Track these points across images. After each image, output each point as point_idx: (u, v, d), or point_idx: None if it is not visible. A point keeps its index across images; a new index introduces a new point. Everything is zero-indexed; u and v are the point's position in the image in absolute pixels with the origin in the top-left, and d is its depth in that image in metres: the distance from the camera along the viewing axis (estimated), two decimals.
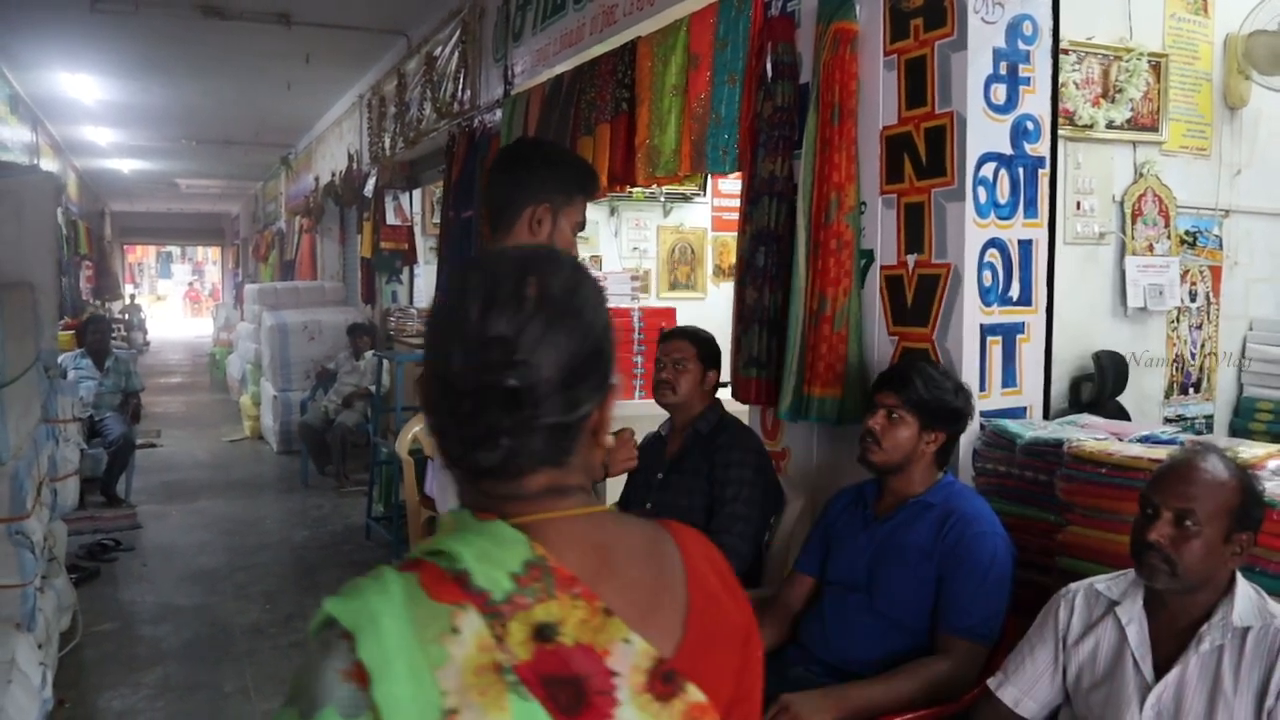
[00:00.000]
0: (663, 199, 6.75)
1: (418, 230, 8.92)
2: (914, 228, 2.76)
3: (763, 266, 3.16)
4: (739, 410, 3.27)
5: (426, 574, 0.86)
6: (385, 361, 7.07)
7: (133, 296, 22.59)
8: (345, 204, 10.22)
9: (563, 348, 0.90)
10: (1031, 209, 2.73)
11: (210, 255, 30.66)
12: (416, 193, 8.97)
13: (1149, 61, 3.49)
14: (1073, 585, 1.95)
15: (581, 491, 0.96)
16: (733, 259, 7.02)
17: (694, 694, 0.90)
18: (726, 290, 7.02)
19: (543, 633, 0.86)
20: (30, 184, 4.29)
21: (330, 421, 7.83)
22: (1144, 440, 2.40)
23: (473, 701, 0.81)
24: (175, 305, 30.73)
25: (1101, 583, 1.91)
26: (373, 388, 7.47)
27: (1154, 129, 3.56)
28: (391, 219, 8.94)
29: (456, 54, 6.52)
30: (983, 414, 2.66)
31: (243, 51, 8.13)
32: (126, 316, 19.10)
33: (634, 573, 0.94)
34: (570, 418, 0.92)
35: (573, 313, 0.92)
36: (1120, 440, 2.45)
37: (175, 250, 29.59)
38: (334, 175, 10.62)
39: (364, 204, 9.25)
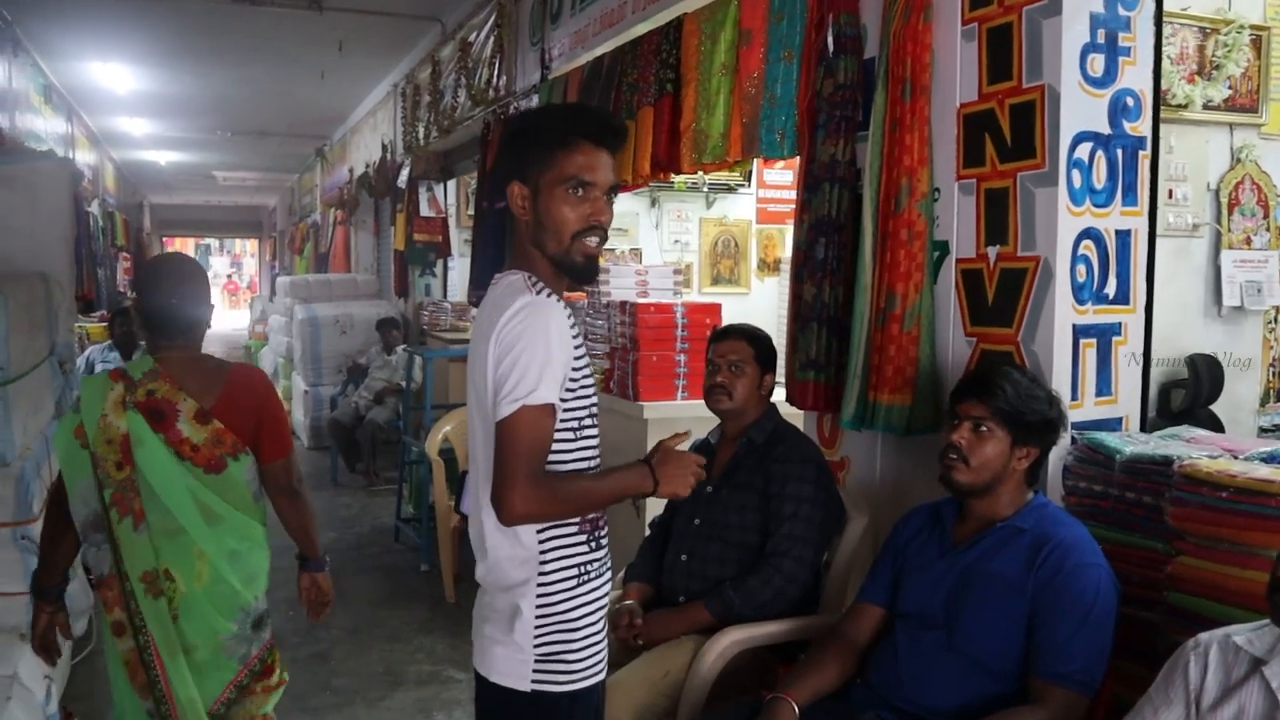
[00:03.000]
0: (706, 190, 6.47)
1: (452, 222, 8.71)
2: (996, 216, 2.47)
3: (822, 259, 2.88)
4: (791, 415, 3.00)
5: (114, 372, 2.35)
6: (417, 357, 6.86)
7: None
8: (378, 195, 10.05)
9: (181, 297, 2.39)
10: (1130, 195, 2.43)
11: (249, 248, 30.82)
12: (451, 184, 8.75)
13: (1250, 35, 3.18)
14: (1203, 636, 1.65)
15: (192, 347, 2.42)
16: (778, 253, 6.77)
17: (216, 424, 2.33)
18: (770, 286, 6.73)
19: (150, 393, 2.30)
20: (43, 170, 4.12)
21: (361, 418, 7.65)
22: (1271, 460, 2.10)
23: (112, 412, 2.28)
24: (213, 297, 30.92)
25: (1240, 635, 1.61)
26: (404, 384, 7.26)
27: (1253, 110, 3.25)
28: (425, 210, 8.73)
29: (492, 39, 6.29)
30: (1074, 426, 2.37)
31: (274, 39, 7.97)
32: None
33: (198, 376, 2.37)
34: (183, 322, 2.39)
35: (178, 282, 2.41)
36: (1237, 458, 2.15)
37: (214, 243, 29.74)
38: (368, 166, 10.45)
39: (397, 195, 9.06)
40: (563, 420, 1.74)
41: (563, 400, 1.73)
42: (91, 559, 2.36)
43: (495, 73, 6.24)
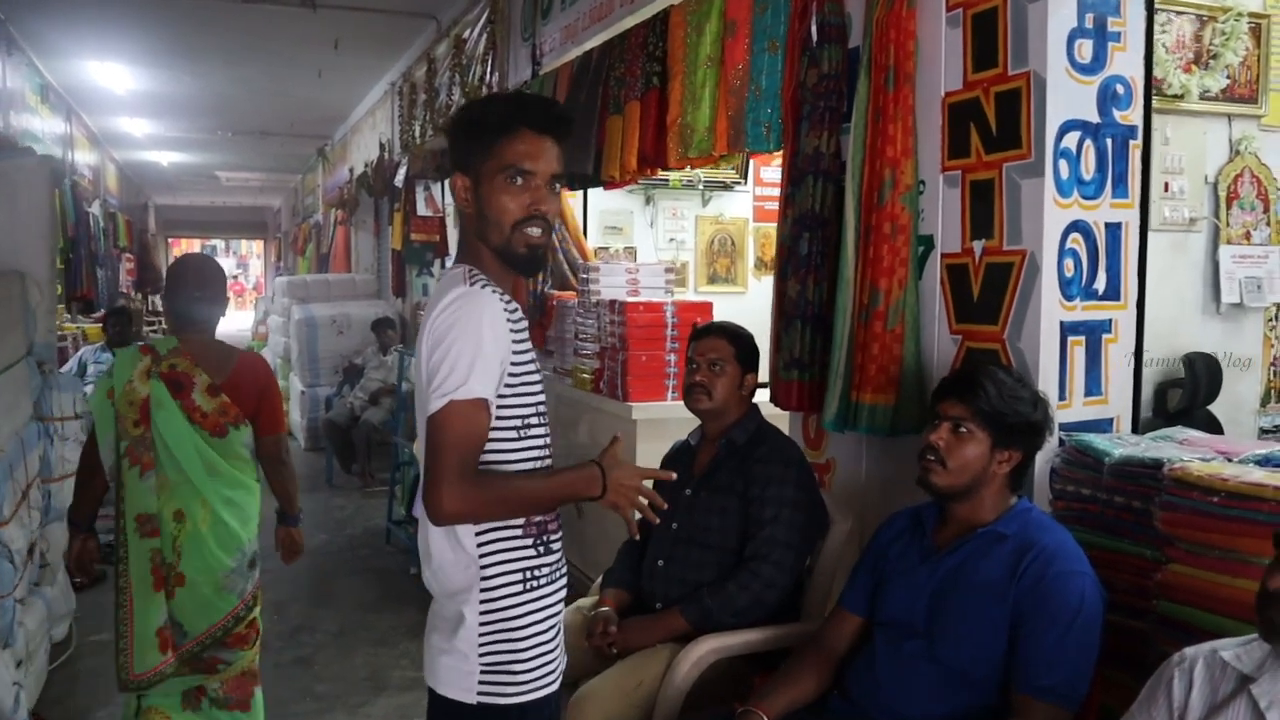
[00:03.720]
0: (701, 187, 6.37)
1: (449, 221, 8.63)
2: (982, 209, 2.38)
3: (806, 255, 2.80)
4: (776, 416, 2.91)
5: (143, 346, 2.90)
6: (410, 358, 6.79)
7: None
8: (376, 195, 9.99)
9: (202, 293, 2.92)
10: (1121, 187, 2.34)
11: (254, 249, 30.82)
12: (448, 183, 8.68)
13: (1249, 23, 3.08)
14: (1188, 651, 1.56)
15: (209, 332, 2.94)
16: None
17: (224, 398, 2.85)
18: (769, 284, 6.59)
19: (173, 366, 2.82)
20: (23, 167, 4.05)
21: (356, 419, 7.58)
22: (1266, 463, 2.01)
23: (137, 379, 2.79)
24: (227, 293, 30.88)
25: (1228, 650, 1.52)
26: (398, 384, 7.19)
27: (1253, 100, 3.15)
28: (422, 210, 8.66)
29: (485, 35, 6.21)
30: (1062, 427, 2.28)
31: (269, 37, 7.91)
32: None
33: (213, 357, 2.89)
34: (203, 314, 2.92)
35: (202, 282, 2.94)
36: (1231, 461, 2.06)
37: (220, 244, 29.75)
38: (367, 166, 10.39)
39: (395, 195, 9.00)
40: (505, 420, 1.67)
41: (503, 398, 1.66)
42: (114, 499, 2.88)
43: (488, 69, 6.17)
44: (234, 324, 23.11)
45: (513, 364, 1.67)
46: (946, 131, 2.47)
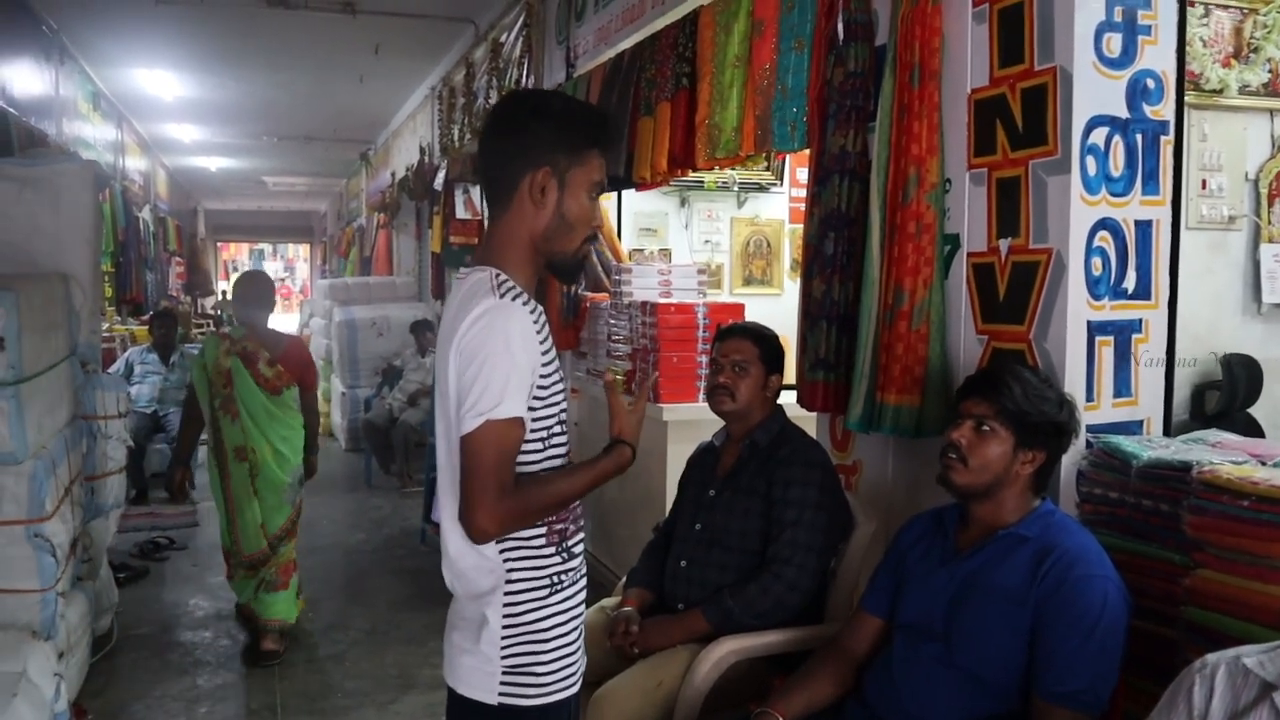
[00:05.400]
0: (736, 189, 6.35)
1: (487, 224, 8.67)
2: (1008, 207, 2.34)
3: (832, 255, 2.77)
4: (803, 418, 2.89)
5: (223, 335, 4.52)
6: None
7: (225, 293, 23.04)
8: (416, 198, 10.07)
9: (257, 294, 4.50)
10: (1151, 183, 2.29)
11: (301, 252, 31.25)
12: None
13: None
14: (1210, 657, 1.52)
15: (263, 322, 4.45)
16: None
17: (279, 367, 4.32)
18: None
19: (244, 347, 4.30)
20: (67, 172, 4.12)
21: (394, 420, 7.65)
22: None
23: (222, 356, 4.27)
24: (275, 296, 31.31)
25: (1251, 657, 1.47)
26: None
27: None
28: (461, 213, 8.70)
29: (521, 39, 6.25)
30: (1090, 429, 2.23)
31: (311, 43, 8.03)
32: (218, 312, 19.45)
33: (270, 340, 4.40)
34: (260, 312, 4.45)
35: (258, 288, 4.55)
36: (1265, 464, 2.00)
37: (267, 247, 30.19)
38: (408, 170, 10.49)
39: (434, 198, 9.07)
40: (531, 430, 1.65)
41: (531, 409, 1.63)
42: (211, 440, 4.29)
43: (524, 72, 6.20)
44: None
45: (540, 375, 1.65)
46: (972, 128, 2.44)
